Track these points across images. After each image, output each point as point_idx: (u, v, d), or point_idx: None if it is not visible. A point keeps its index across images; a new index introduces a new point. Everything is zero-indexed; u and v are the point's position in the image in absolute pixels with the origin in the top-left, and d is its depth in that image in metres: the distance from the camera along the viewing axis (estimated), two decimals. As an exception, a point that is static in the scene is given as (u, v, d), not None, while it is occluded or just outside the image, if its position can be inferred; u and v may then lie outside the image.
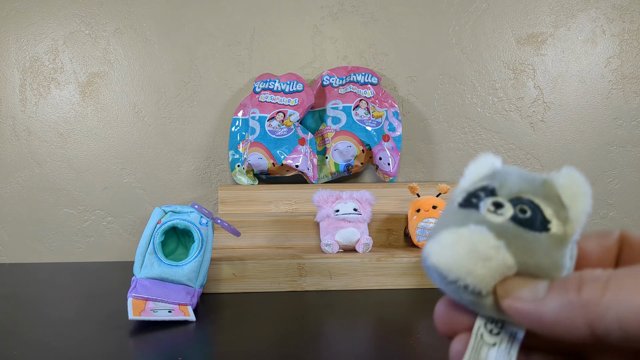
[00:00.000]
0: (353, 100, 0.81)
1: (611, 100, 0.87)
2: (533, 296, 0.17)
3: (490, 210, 0.18)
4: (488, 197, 0.19)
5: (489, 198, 0.19)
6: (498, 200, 0.19)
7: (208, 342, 0.48)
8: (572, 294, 0.16)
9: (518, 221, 0.18)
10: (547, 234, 0.18)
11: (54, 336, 0.49)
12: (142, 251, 0.57)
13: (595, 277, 0.16)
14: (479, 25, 0.86)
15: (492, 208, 0.18)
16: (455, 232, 0.18)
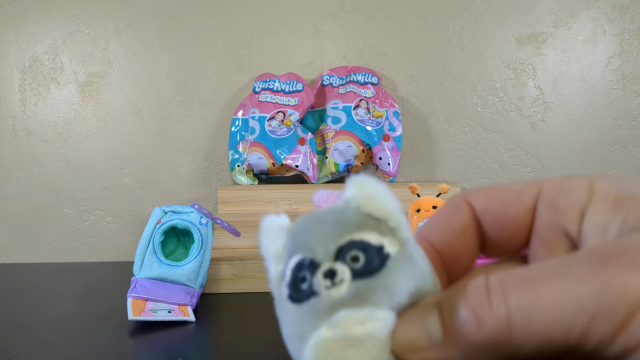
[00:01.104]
0: (353, 100, 0.80)
1: (612, 100, 0.87)
2: (430, 342, 0.14)
3: (328, 287, 0.15)
4: (314, 272, 0.15)
5: (316, 273, 0.15)
6: (325, 268, 0.15)
7: (208, 343, 0.48)
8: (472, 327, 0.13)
9: (360, 274, 0.15)
10: (391, 259, 0.15)
11: (54, 336, 0.49)
12: (142, 251, 0.57)
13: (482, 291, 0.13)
14: (480, 25, 0.86)
15: (328, 282, 0.15)
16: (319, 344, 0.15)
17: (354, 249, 0.15)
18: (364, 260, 0.15)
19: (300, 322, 0.15)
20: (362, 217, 0.16)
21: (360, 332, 0.14)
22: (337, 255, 0.15)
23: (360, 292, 0.15)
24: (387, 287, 0.15)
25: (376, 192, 0.16)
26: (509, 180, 0.87)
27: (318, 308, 0.15)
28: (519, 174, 0.87)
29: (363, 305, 0.15)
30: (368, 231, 0.16)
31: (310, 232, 0.16)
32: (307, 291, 0.15)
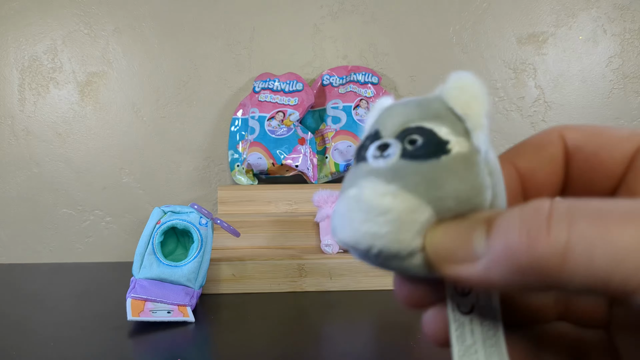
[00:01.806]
0: (353, 100, 0.80)
1: (612, 100, 0.86)
2: (471, 256, 0.13)
3: (376, 156, 0.15)
4: (373, 142, 0.16)
5: (374, 143, 0.16)
6: (382, 141, 0.16)
7: (207, 343, 0.48)
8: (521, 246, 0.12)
9: (409, 155, 0.15)
10: (449, 156, 0.14)
11: (53, 336, 0.49)
12: (141, 251, 0.57)
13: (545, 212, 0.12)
14: (480, 24, 0.85)
15: (377, 153, 0.15)
16: (346, 197, 0.15)
17: (417, 133, 0.15)
18: (420, 144, 0.15)
19: (347, 179, 0.16)
20: (443, 110, 0.15)
21: (377, 202, 0.14)
22: (400, 134, 0.15)
23: (399, 170, 0.15)
24: (429, 177, 0.14)
25: (468, 89, 0.15)
26: None
27: (360, 170, 0.16)
28: None
29: (394, 183, 0.14)
30: (441, 123, 0.15)
31: (392, 110, 0.17)
32: (362, 156, 0.16)
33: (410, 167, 0.15)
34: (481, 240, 0.13)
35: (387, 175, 0.15)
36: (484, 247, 0.13)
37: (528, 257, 0.12)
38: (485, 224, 0.13)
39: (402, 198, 0.14)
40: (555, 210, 0.12)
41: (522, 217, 0.12)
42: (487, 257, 0.13)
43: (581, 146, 0.16)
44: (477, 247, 0.13)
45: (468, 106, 0.15)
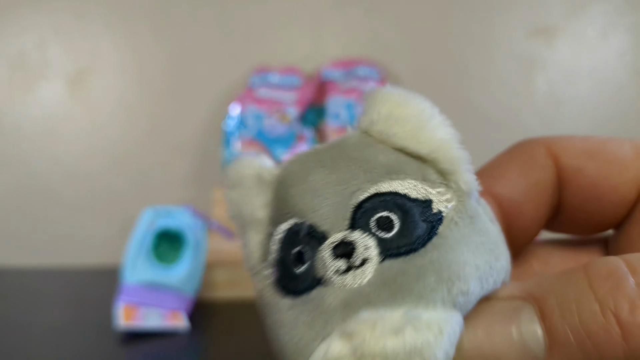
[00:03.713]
0: (355, 96, 0.78)
1: (624, 96, 0.85)
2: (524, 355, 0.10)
3: (342, 271, 0.10)
4: (316, 247, 0.10)
5: (320, 249, 0.10)
6: (335, 240, 0.10)
7: (201, 350, 0.49)
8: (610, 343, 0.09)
9: (395, 249, 0.10)
10: (444, 224, 0.10)
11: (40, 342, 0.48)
12: (133, 255, 0.56)
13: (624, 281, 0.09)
14: (488, 17, 0.85)
15: (342, 263, 0.10)
16: None
17: (382, 207, 0.10)
18: (400, 224, 0.10)
19: (296, 327, 0.10)
20: (393, 155, 0.10)
21: (395, 346, 0.09)
22: (353, 219, 0.10)
23: (395, 279, 0.09)
24: (441, 268, 0.09)
25: (414, 112, 0.10)
26: None
27: (325, 304, 0.10)
28: None
29: (400, 302, 0.09)
30: (405, 177, 0.10)
31: (308, 183, 0.10)
32: (307, 277, 0.10)
33: (408, 268, 0.09)
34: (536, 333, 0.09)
35: (384, 296, 0.09)
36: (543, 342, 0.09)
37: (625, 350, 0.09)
38: (530, 304, 0.10)
39: (426, 322, 0.09)
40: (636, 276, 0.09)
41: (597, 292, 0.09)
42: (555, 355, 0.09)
43: (583, 168, 0.13)
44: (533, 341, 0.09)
45: (429, 137, 0.10)
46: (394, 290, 0.09)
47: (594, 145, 0.13)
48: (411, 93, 0.11)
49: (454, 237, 0.10)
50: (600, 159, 0.13)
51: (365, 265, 0.10)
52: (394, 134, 0.10)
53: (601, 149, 0.13)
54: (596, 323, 0.09)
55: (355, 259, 0.10)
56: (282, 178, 0.11)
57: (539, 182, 0.13)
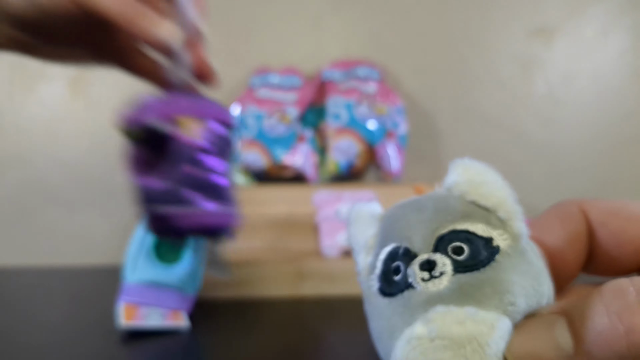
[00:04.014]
0: (355, 96, 0.79)
1: (623, 97, 0.86)
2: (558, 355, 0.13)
3: (426, 279, 0.14)
4: (409, 262, 0.14)
5: (412, 264, 0.14)
6: (423, 258, 0.14)
7: (202, 349, 0.48)
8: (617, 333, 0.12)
9: (464, 267, 0.14)
10: (501, 254, 0.14)
11: (42, 342, 0.48)
12: (134, 254, 0.56)
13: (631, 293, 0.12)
14: (487, 18, 0.85)
15: (426, 274, 0.14)
16: (410, 340, 0.13)
17: (456, 239, 0.14)
18: (469, 251, 0.14)
19: (391, 317, 0.14)
20: (467, 206, 0.15)
21: (459, 332, 0.13)
22: (436, 245, 0.14)
23: (463, 286, 0.13)
24: (495, 283, 0.13)
25: (484, 178, 0.15)
26: (516, 178, 0.87)
27: (412, 302, 0.14)
28: (528, 172, 0.87)
29: (465, 303, 0.13)
30: (474, 221, 0.14)
31: (406, 220, 0.15)
32: (401, 283, 0.14)
33: (473, 280, 0.13)
34: (566, 337, 0.13)
35: (454, 298, 0.13)
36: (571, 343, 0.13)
37: (627, 345, 0.12)
38: (562, 317, 0.13)
39: (482, 318, 0.13)
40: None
41: (606, 302, 0.12)
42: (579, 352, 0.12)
43: (605, 223, 0.16)
44: (564, 343, 0.13)
45: (493, 197, 0.15)
46: (461, 295, 0.13)
47: (617, 205, 0.16)
48: (483, 164, 0.15)
49: (507, 264, 0.14)
50: (621, 216, 0.16)
51: (442, 276, 0.13)
52: (469, 192, 0.15)
53: (622, 208, 0.16)
54: (604, 324, 0.12)
55: (435, 271, 0.14)
56: (388, 217, 0.16)
57: (575, 232, 0.16)
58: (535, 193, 0.86)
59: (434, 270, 0.14)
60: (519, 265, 0.14)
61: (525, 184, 0.87)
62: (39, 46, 0.34)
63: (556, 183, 0.87)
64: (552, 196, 0.83)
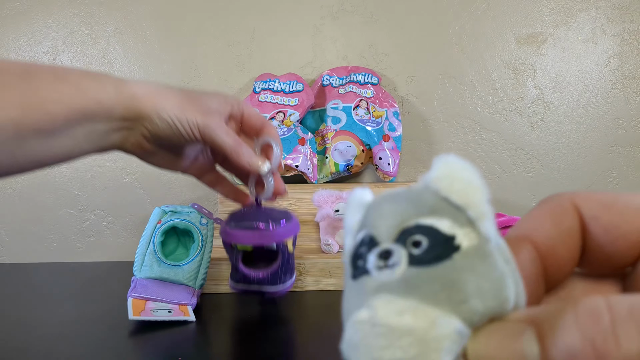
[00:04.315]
0: (353, 100, 0.80)
1: (611, 100, 0.87)
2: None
3: (380, 267, 0.14)
4: (370, 250, 0.14)
5: (372, 251, 0.14)
6: (382, 248, 0.14)
7: (208, 343, 0.48)
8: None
9: (418, 261, 0.13)
10: (460, 253, 0.13)
11: (54, 336, 0.49)
12: (142, 251, 0.57)
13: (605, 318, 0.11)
14: (479, 25, 0.85)
15: (381, 262, 0.14)
16: (356, 322, 0.13)
17: (418, 232, 0.14)
18: (426, 246, 0.13)
19: (350, 299, 0.14)
20: (439, 202, 0.14)
21: (397, 323, 0.13)
22: (399, 236, 0.14)
23: (411, 280, 0.13)
24: (447, 282, 0.13)
25: (461, 175, 0.14)
26: (508, 180, 0.87)
27: (365, 287, 0.14)
28: (519, 174, 0.87)
29: (409, 296, 0.13)
30: (441, 217, 0.14)
31: (380, 209, 0.15)
32: (361, 268, 0.14)
33: (422, 274, 0.13)
34: (533, 348, 0.12)
35: (400, 289, 0.13)
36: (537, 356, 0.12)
37: None
38: (532, 327, 0.12)
39: (423, 313, 0.13)
40: (617, 314, 0.11)
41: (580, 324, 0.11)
42: None
43: (597, 217, 0.15)
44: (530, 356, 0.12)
45: (466, 195, 0.14)
46: (407, 287, 0.13)
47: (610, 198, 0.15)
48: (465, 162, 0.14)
49: (464, 264, 0.13)
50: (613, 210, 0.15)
51: (395, 267, 0.13)
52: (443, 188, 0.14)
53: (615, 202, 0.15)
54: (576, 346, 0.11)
55: (390, 261, 0.14)
56: (370, 204, 0.16)
57: (567, 228, 0.15)
58: (526, 194, 0.87)
59: (389, 260, 0.14)
60: (478, 267, 0.13)
61: (516, 184, 0.87)
62: (156, 154, 0.42)
63: (546, 184, 0.87)
64: (542, 197, 0.82)
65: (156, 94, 0.38)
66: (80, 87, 0.35)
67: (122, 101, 0.37)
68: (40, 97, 0.33)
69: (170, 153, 0.43)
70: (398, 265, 0.13)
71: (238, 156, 0.41)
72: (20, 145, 0.33)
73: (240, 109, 0.44)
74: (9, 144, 0.32)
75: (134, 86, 0.38)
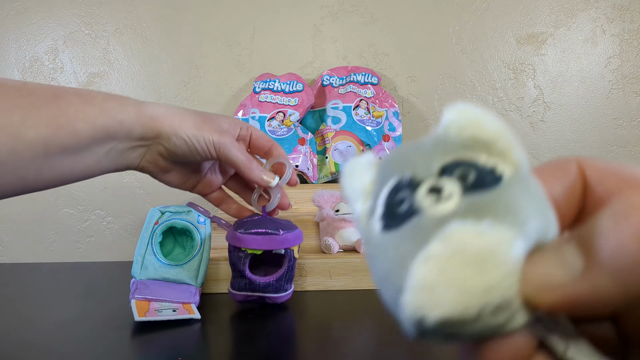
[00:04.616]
0: (353, 100, 0.80)
1: (611, 100, 0.87)
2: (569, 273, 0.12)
3: (434, 201, 0.13)
4: (413, 191, 0.14)
5: (418, 191, 0.13)
6: (428, 185, 0.13)
7: (208, 342, 0.48)
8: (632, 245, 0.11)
9: (473, 188, 0.13)
10: (505, 179, 0.13)
11: (56, 337, 0.49)
12: (141, 252, 0.57)
13: None
14: (479, 25, 0.86)
15: (433, 197, 0.13)
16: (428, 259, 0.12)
17: (461, 166, 0.13)
18: (475, 176, 0.13)
19: (399, 247, 0.13)
20: (467, 140, 0.14)
21: (479, 245, 0.12)
22: (441, 172, 0.13)
23: (476, 203, 0.13)
24: (508, 204, 0.13)
25: (480, 114, 0.14)
26: None
27: (423, 225, 0.13)
28: None
29: (482, 217, 0.12)
30: (474, 152, 0.14)
31: (406, 155, 0.14)
32: (407, 211, 0.13)
33: (485, 199, 0.13)
34: (575, 255, 0.12)
35: (469, 214, 0.12)
36: (580, 260, 0.12)
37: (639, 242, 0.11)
38: (571, 241, 0.13)
39: (502, 232, 0.12)
40: None
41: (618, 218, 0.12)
42: (591, 271, 0.12)
43: (601, 181, 0.15)
44: (573, 262, 0.12)
45: (490, 128, 0.14)
46: (476, 210, 0.12)
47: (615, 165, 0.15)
48: (473, 104, 0.14)
49: (514, 189, 0.13)
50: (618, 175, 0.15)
51: (451, 197, 0.13)
52: (466, 127, 0.14)
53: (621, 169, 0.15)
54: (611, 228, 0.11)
55: (444, 193, 0.13)
56: (385, 160, 0.15)
57: (570, 187, 0.15)
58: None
59: (442, 193, 0.13)
60: (525, 191, 0.13)
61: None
62: (170, 171, 0.45)
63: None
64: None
65: (173, 115, 0.41)
66: (103, 107, 0.38)
67: (141, 121, 0.40)
68: (68, 117, 0.36)
69: (183, 170, 0.46)
70: (453, 196, 0.13)
71: (250, 171, 0.45)
72: (46, 162, 0.35)
73: (248, 131, 0.49)
74: (37, 161, 0.35)
75: (153, 108, 0.41)
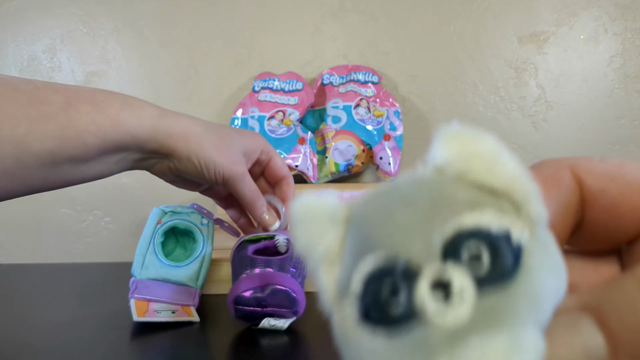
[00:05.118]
0: (353, 99, 0.80)
1: (614, 100, 0.86)
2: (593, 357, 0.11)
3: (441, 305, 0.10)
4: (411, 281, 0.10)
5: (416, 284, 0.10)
6: (430, 276, 0.10)
7: (208, 344, 0.48)
8: None
9: (489, 282, 0.10)
10: (526, 250, 0.10)
11: (54, 338, 0.48)
12: (142, 252, 0.56)
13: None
14: (481, 23, 0.85)
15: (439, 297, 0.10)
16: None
17: (467, 240, 0.10)
18: (490, 258, 0.10)
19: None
20: (470, 190, 0.11)
21: None
22: (444, 252, 0.10)
23: (494, 309, 0.10)
24: (530, 295, 0.10)
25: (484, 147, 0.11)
26: None
27: (430, 341, 0.10)
28: None
29: (499, 328, 0.10)
30: (482, 210, 0.10)
31: (392, 219, 0.10)
32: (405, 314, 0.10)
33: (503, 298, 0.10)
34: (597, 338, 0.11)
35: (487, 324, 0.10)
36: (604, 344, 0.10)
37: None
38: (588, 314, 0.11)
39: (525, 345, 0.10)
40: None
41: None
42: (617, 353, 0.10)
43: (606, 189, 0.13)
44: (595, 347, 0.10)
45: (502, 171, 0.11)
46: (494, 318, 0.10)
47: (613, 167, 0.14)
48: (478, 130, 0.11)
49: (535, 266, 0.10)
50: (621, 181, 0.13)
51: (463, 299, 0.10)
52: (470, 170, 0.11)
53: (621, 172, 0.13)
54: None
55: (454, 291, 0.10)
56: (361, 216, 0.11)
57: (566, 204, 0.13)
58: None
59: (450, 290, 0.10)
60: (545, 263, 0.10)
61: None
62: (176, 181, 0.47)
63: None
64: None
65: (192, 135, 0.41)
66: (117, 120, 0.37)
67: (157, 138, 0.39)
68: (77, 129, 0.35)
69: (190, 181, 0.48)
70: (466, 296, 0.10)
71: (253, 209, 0.47)
72: (54, 170, 0.35)
73: (268, 156, 0.49)
74: (44, 170, 0.35)
75: (173, 122, 0.41)
